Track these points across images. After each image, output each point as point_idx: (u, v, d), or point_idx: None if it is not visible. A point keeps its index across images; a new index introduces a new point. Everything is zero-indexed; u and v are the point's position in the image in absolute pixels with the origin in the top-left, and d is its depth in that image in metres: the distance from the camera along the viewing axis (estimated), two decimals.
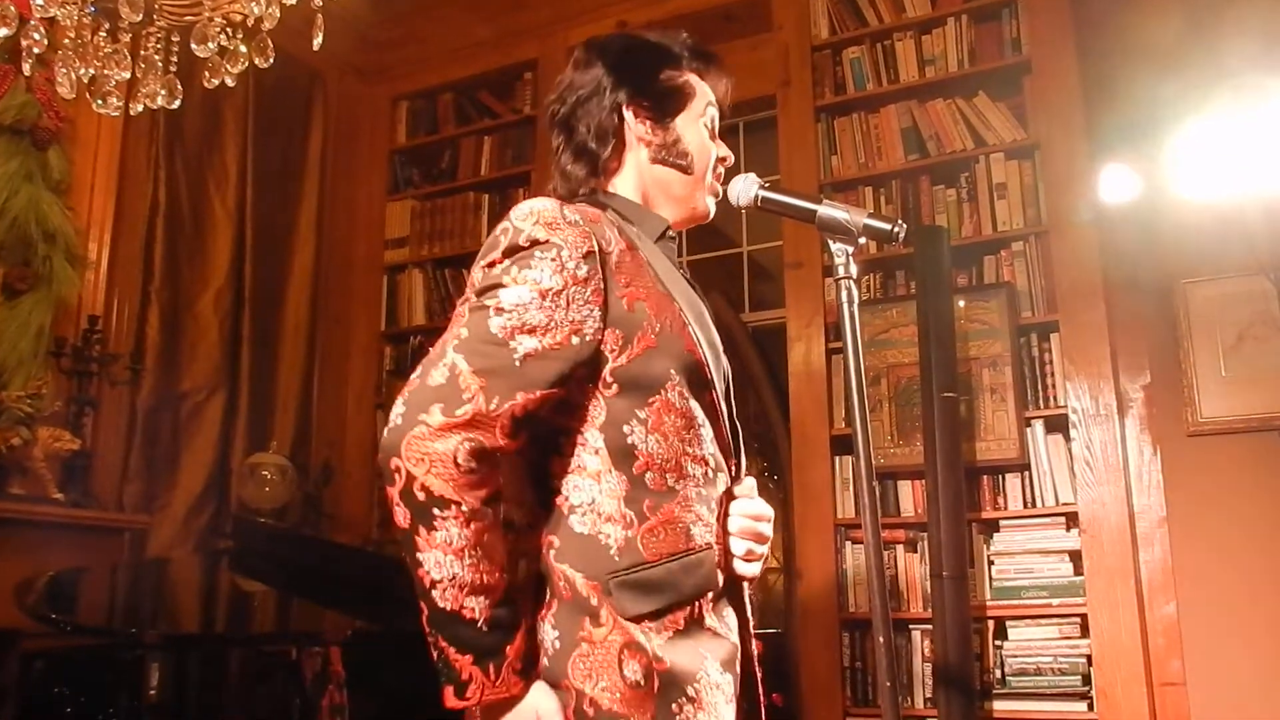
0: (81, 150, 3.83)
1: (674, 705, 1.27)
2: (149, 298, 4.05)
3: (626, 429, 1.31)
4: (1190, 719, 3.16)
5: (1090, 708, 3.18)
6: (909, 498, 3.59)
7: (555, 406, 1.31)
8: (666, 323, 1.34)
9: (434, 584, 1.22)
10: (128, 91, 2.67)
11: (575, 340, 1.28)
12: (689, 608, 1.32)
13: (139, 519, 3.81)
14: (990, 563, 3.40)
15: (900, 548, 3.54)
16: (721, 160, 1.56)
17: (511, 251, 1.30)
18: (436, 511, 1.21)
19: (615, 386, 1.31)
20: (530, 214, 1.32)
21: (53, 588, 2.82)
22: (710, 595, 1.35)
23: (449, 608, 1.22)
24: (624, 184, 1.52)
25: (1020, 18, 3.73)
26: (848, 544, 3.62)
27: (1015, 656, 3.30)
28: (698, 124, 1.53)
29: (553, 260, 1.28)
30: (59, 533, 3.40)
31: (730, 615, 1.39)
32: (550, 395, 1.27)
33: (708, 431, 1.38)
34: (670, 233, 1.51)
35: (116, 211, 3.94)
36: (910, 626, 3.45)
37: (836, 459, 3.69)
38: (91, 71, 2.54)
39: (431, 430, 1.21)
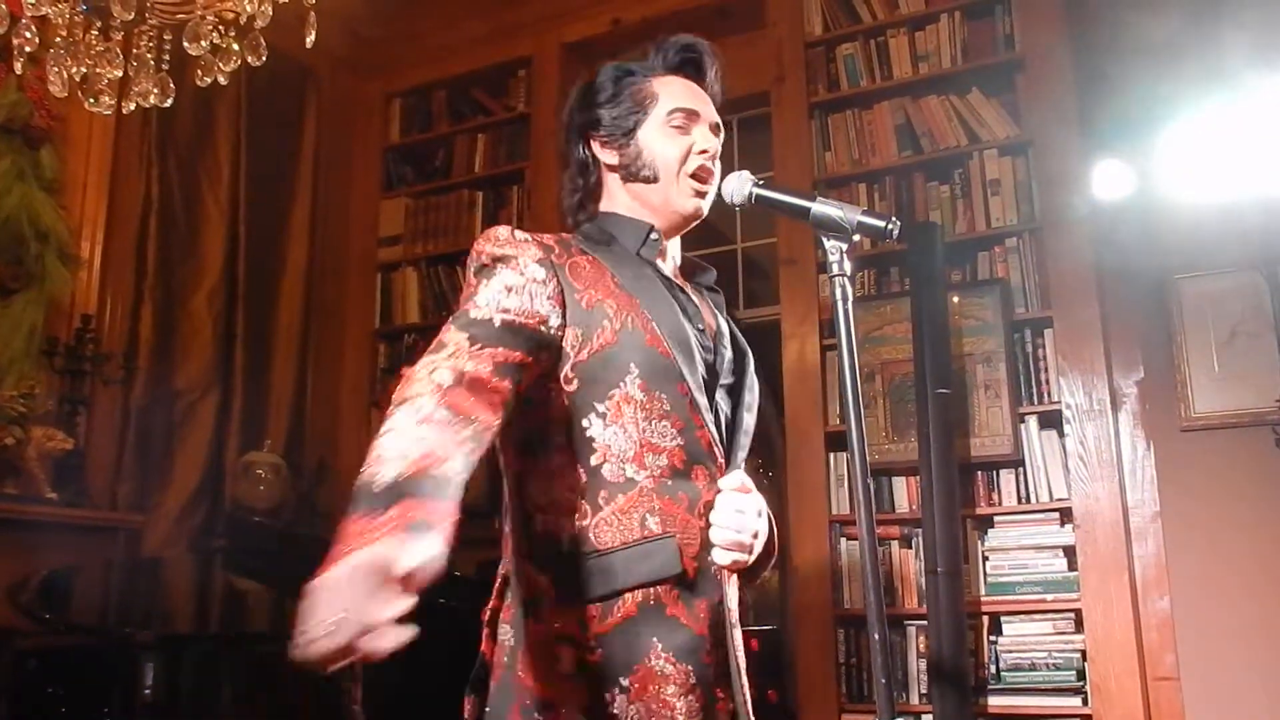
0: (74, 149, 3.82)
1: (606, 695, 1.31)
2: (142, 296, 4.04)
3: (585, 422, 1.37)
4: (1184, 713, 3.17)
5: (1085, 702, 3.19)
6: (903, 494, 3.59)
7: (522, 409, 1.34)
8: (628, 320, 1.40)
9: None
10: (120, 90, 2.67)
11: (542, 328, 1.35)
12: (643, 593, 1.34)
13: (133, 518, 3.80)
14: (984, 558, 3.41)
15: (895, 544, 3.55)
16: (702, 153, 1.55)
17: (479, 271, 1.42)
18: (392, 410, 1.19)
19: (576, 382, 1.38)
20: (488, 238, 1.44)
21: (46, 587, 2.82)
22: (670, 583, 1.35)
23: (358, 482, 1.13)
24: (615, 208, 1.59)
25: (1013, 14, 3.73)
26: (842, 540, 3.63)
27: (1010, 652, 3.31)
28: (661, 128, 1.55)
29: (512, 269, 1.39)
30: (53, 532, 3.39)
31: (701, 606, 1.38)
32: (524, 361, 1.30)
33: (676, 424, 1.39)
34: (653, 236, 1.54)
35: (109, 210, 3.93)
36: (905, 622, 3.46)
37: (831, 455, 3.69)
38: (83, 70, 2.53)
39: (418, 366, 1.25)
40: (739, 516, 1.39)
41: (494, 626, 1.43)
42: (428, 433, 1.14)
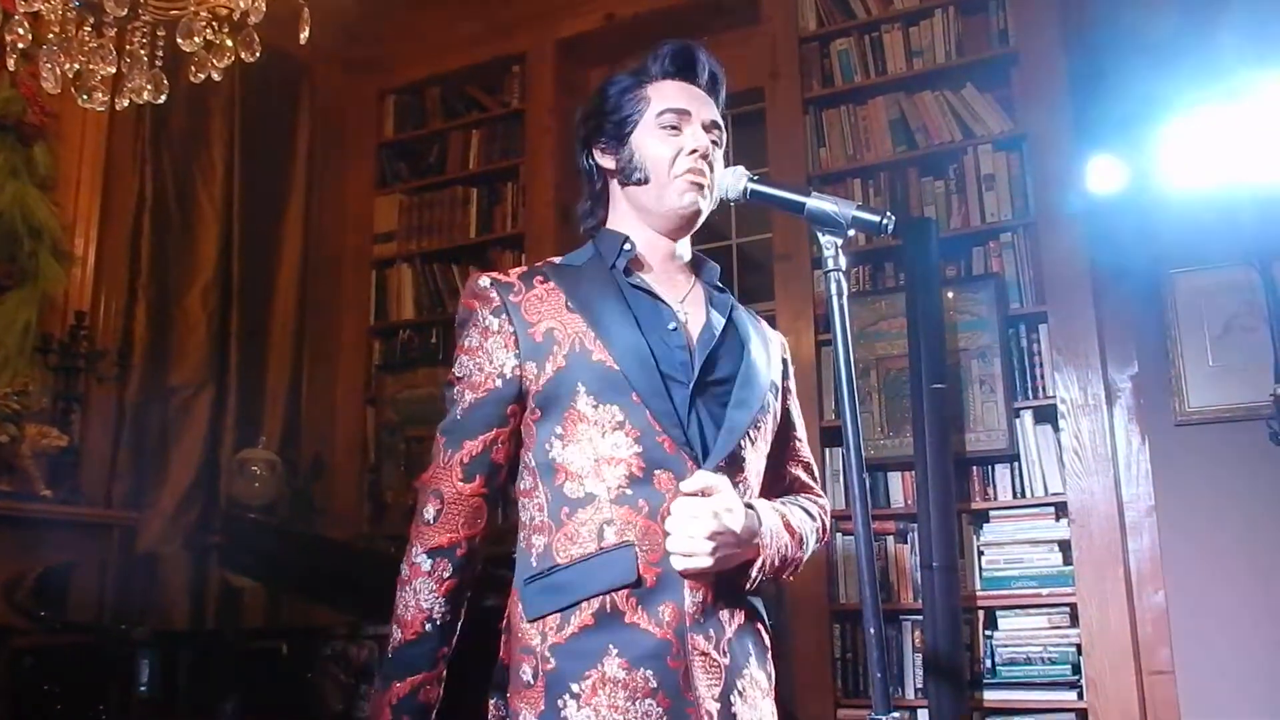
0: (67, 145, 3.80)
1: (559, 701, 1.37)
2: (136, 293, 4.03)
3: (547, 445, 1.46)
4: (1178, 706, 3.18)
5: (1080, 696, 3.20)
6: (899, 489, 3.60)
7: (513, 441, 1.50)
8: (575, 341, 1.46)
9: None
10: (113, 86, 2.66)
11: (499, 382, 1.48)
12: (599, 602, 1.37)
13: (128, 515, 3.79)
14: (980, 553, 3.41)
15: (890, 539, 3.55)
16: (692, 152, 1.54)
17: (458, 327, 1.56)
18: (407, 551, 1.47)
19: (538, 411, 1.47)
20: (464, 292, 1.57)
21: (42, 585, 2.81)
22: (628, 590, 1.37)
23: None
24: (618, 213, 1.63)
25: (1008, 9, 3.74)
26: (838, 535, 3.63)
27: (1005, 646, 3.32)
28: (652, 130, 1.56)
29: (474, 325, 1.52)
30: (48, 529, 3.38)
31: (666, 610, 1.38)
32: (495, 436, 1.48)
33: (631, 434, 1.41)
34: (626, 246, 1.57)
35: (103, 207, 3.92)
36: (901, 617, 3.46)
37: (826, 450, 3.69)
38: (77, 66, 2.52)
39: (418, 489, 1.50)
40: (692, 522, 1.37)
41: (509, 633, 1.50)
42: (419, 586, 1.44)
